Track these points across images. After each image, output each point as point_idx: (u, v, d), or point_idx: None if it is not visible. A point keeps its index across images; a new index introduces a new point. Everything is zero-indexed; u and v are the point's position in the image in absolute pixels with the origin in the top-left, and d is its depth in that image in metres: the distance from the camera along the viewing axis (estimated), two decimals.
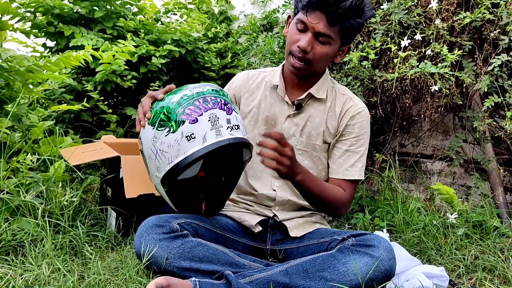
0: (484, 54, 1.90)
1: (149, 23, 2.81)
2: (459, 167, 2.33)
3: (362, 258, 1.15)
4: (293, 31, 1.33)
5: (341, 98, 1.46)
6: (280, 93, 1.45)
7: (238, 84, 1.53)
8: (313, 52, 1.31)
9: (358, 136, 1.43)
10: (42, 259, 1.32)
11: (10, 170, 1.67)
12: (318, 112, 1.44)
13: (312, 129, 1.44)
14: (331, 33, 1.28)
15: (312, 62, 1.33)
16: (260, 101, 1.48)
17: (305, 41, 1.28)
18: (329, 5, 1.23)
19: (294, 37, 1.32)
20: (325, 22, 1.26)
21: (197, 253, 1.19)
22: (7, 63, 1.77)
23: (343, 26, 1.28)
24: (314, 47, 1.30)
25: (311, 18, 1.27)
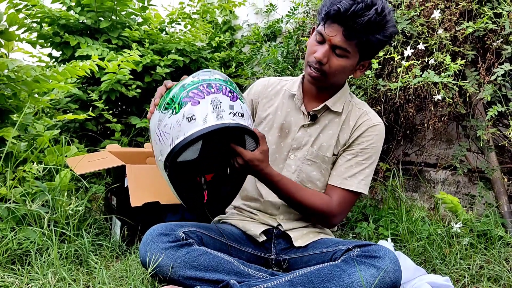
0: (487, 64, 1.91)
1: (154, 33, 2.84)
2: (463, 176, 2.33)
3: (368, 269, 1.15)
4: (312, 42, 1.34)
5: (357, 112, 1.46)
6: (297, 102, 1.46)
7: (258, 90, 1.54)
8: (329, 65, 1.31)
9: (366, 148, 1.42)
10: (47, 268, 1.33)
11: (17, 180, 1.69)
12: (332, 124, 1.44)
13: (324, 141, 1.44)
14: (348, 46, 1.28)
15: (328, 74, 1.33)
16: (277, 108, 1.49)
17: (321, 52, 1.29)
18: (346, 19, 1.22)
19: (312, 48, 1.33)
20: (341, 35, 1.26)
21: (202, 261, 1.19)
22: (14, 73, 1.79)
23: (361, 41, 1.27)
24: (331, 59, 1.30)
25: (328, 31, 1.27)
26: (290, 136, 1.46)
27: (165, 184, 1.76)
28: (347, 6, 1.21)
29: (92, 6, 2.58)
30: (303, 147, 1.45)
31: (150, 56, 2.66)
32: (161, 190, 1.73)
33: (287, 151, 1.46)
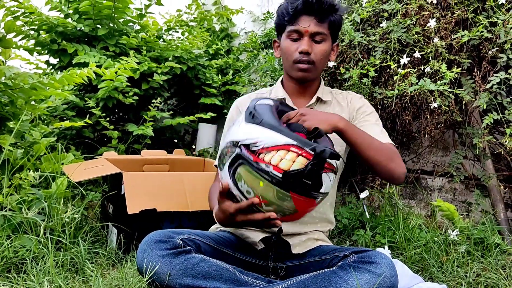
0: (482, 72, 1.92)
1: (151, 40, 2.85)
2: (459, 183, 2.33)
3: (364, 275, 1.15)
4: (288, 44, 1.42)
5: (340, 96, 1.57)
6: (289, 103, 1.50)
7: (244, 108, 1.54)
8: (314, 53, 1.40)
9: (371, 112, 1.51)
10: (43, 277, 1.32)
11: (13, 187, 1.68)
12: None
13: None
14: (324, 29, 1.40)
15: (316, 62, 1.42)
16: None
17: (304, 44, 1.38)
18: (313, 5, 1.35)
19: (291, 47, 1.41)
20: (315, 22, 1.38)
21: (200, 269, 1.19)
22: (11, 81, 1.79)
23: (330, 22, 1.40)
24: (313, 47, 1.40)
25: (302, 23, 1.38)
26: None
27: (162, 192, 1.77)
28: None
29: (89, 14, 2.59)
30: None
31: (148, 64, 2.67)
32: (158, 198, 1.73)
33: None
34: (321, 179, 1.05)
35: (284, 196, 1.04)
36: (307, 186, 1.04)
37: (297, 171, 1.01)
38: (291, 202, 1.05)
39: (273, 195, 1.05)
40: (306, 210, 1.11)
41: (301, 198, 1.05)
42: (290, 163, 1.02)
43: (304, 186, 1.04)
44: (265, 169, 1.03)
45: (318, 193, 1.07)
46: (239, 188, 1.09)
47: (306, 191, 1.05)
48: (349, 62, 2.15)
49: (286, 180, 1.02)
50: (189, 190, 1.82)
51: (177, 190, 1.80)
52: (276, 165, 1.02)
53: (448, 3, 1.96)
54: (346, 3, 2.27)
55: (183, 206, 1.77)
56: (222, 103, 3.19)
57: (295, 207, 1.07)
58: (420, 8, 1.99)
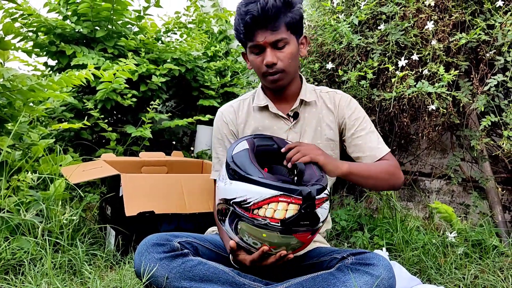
0: (480, 74, 1.92)
1: (150, 42, 2.85)
2: (457, 185, 2.34)
3: (362, 277, 1.15)
4: (253, 59, 1.40)
5: (326, 95, 1.52)
6: (273, 110, 1.48)
7: (230, 118, 1.54)
8: (280, 60, 1.37)
9: (364, 118, 1.48)
10: (41, 279, 1.32)
11: (11, 189, 1.68)
12: (311, 114, 1.48)
13: (312, 132, 1.47)
14: (282, 34, 1.35)
15: (285, 68, 1.38)
16: (255, 126, 1.50)
17: (268, 56, 1.35)
18: (261, 18, 1.31)
19: (257, 61, 1.39)
20: (269, 32, 1.33)
21: (197, 272, 1.19)
22: (9, 82, 1.79)
23: (286, 24, 1.35)
24: (278, 55, 1.36)
25: (258, 38, 1.34)
26: None
27: (160, 194, 1.77)
28: (256, 8, 1.30)
29: (88, 16, 2.59)
30: None
31: (146, 65, 2.67)
32: (156, 199, 1.73)
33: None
34: (317, 215, 1.11)
35: (289, 238, 1.10)
36: (307, 225, 1.10)
37: (293, 217, 1.07)
38: (297, 239, 1.11)
39: (278, 240, 1.11)
40: (312, 239, 1.17)
41: (303, 234, 1.11)
42: (283, 212, 1.07)
43: (304, 226, 1.10)
44: (263, 223, 1.08)
45: (317, 225, 1.13)
46: (245, 241, 1.16)
47: (307, 229, 1.11)
48: (347, 64, 2.15)
49: (286, 227, 1.08)
50: (187, 192, 1.82)
51: (175, 192, 1.80)
52: (271, 217, 1.07)
53: (446, 6, 1.97)
54: (345, 6, 2.28)
55: (181, 208, 1.77)
56: (220, 105, 3.19)
57: (301, 242, 1.13)
58: (418, 10, 2.00)
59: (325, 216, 1.15)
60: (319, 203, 1.11)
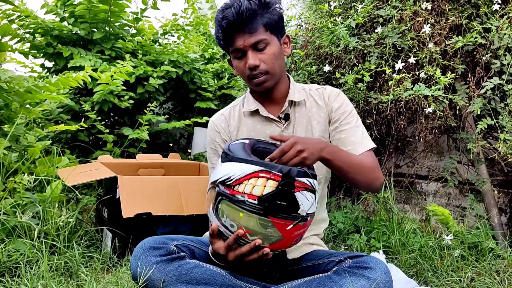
0: (476, 77, 1.93)
1: (147, 44, 2.85)
2: (454, 188, 2.35)
3: (359, 280, 1.15)
4: (236, 63, 1.40)
5: (316, 92, 1.51)
6: (264, 114, 1.47)
7: (222, 126, 1.54)
8: (262, 62, 1.36)
9: (350, 112, 1.46)
10: (37, 281, 1.32)
11: (7, 191, 1.67)
12: (301, 114, 1.48)
13: (303, 131, 1.46)
14: (261, 35, 1.34)
15: (269, 69, 1.38)
16: (248, 131, 1.50)
17: (250, 58, 1.34)
18: (237, 22, 1.31)
19: (240, 65, 1.39)
20: (248, 35, 1.33)
21: (194, 275, 1.19)
22: (6, 84, 1.79)
23: (264, 25, 1.35)
24: (260, 57, 1.35)
25: (237, 42, 1.34)
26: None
27: (157, 196, 1.77)
28: (230, 13, 1.31)
29: (85, 17, 2.59)
30: None
31: (143, 67, 2.67)
32: (153, 201, 1.73)
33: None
34: (295, 199, 1.08)
35: (265, 222, 1.07)
36: (284, 207, 1.07)
37: (270, 194, 1.05)
38: (274, 227, 1.08)
39: (254, 223, 1.07)
40: (292, 235, 1.12)
41: (281, 221, 1.07)
42: (262, 188, 1.05)
43: (280, 208, 1.07)
44: (241, 199, 1.06)
45: (297, 213, 1.09)
46: (223, 223, 1.12)
47: (284, 213, 1.07)
48: (344, 67, 2.16)
49: (262, 205, 1.05)
50: (184, 194, 1.82)
51: (172, 194, 1.80)
52: (250, 193, 1.06)
53: (443, 9, 1.98)
54: (342, 9, 2.29)
55: (178, 210, 1.77)
56: (217, 107, 3.19)
57: (279, 233, 1.09)
58: (414, 14, 2.01)
59: (307, 207, 1.10)
60: (300, 186, 1.08)
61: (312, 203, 1.13)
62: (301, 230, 1.13)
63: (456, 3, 1.98)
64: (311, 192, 1.12)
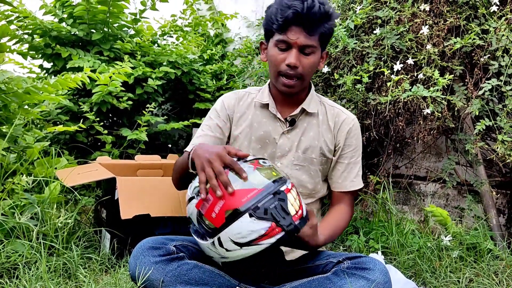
0: (474, 79, 1.94)
1: (146, 45, 2.85)
2: (452, 189, 2.35)
3: (358, 281, 1.15)
4: (275, 53, 1.36)
5: (331, 111, 1.50)
6: (272, 111, 1.46)
7: (231, 104, 1.52)
8: (302, 66, 1.34)
9: (356, 147, 1.48)
10: (36, 282, 1.32)
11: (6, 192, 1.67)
12: (311, 126, 1.46)
13: (308, 143, 1.45)
14: (313, 42, 1.33)
15: (303, 76, 1.36)
16: (251, 120, 1.48)
17: (293, 57, 1.32)
18: (304, 17, 1.28)
19: (278, 57, 1.35)
20: (304, 34, 1.31)
21: (193, 275, 1.19)
22: (5, 85, 1.79)
23: (321, 33, 1.34)
24: (301, 60, 1.34)
25: (291, 35, 1.31)
26: (271, 145, 1.46)
27: (156, 197, 1.76)
28: (301, 6, 1.27)
29: (84, 18, 2.58)
30: (288, 154, 1.45)
31: (142, 68, 2.67)
32: (151, 203, 1.73)
33: (272, 160, 1.46)
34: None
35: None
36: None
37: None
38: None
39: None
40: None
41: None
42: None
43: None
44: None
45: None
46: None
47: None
48: (343, 68, 2.16)
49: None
50: (183, 195, 1.82)
51: (171, 195, 1.80)
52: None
53: (441, 11, 1.98)
54: (340, 10, 2.29)
55: (177, 211, 1.77)
56: None
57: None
58: (413, 15, 2.01)
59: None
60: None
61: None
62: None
63: (454, 5, 1.98)
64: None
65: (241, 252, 1.08)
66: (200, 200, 1.11)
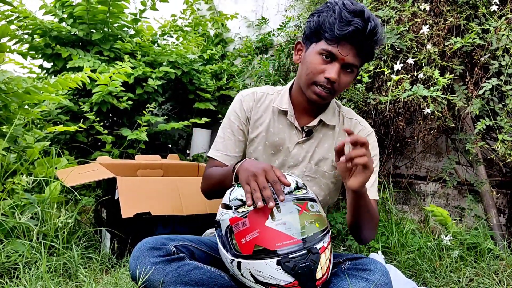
0: (475, 78, 1.94)
1: (146, 45, 2.85)
2: (452, 188, 2.35)
3: (358, 282, 1.15)
4: (316, 61, 1.30)
5: (349, 122, 1.47)
6: (290, 119, 1.43)
7: (250, 105, 1.48)
8: (339, 82, 1.30)
9: (374, 156, 1.42)
10: (36, 282, 1.31)
11: (6, 192, 1.67)
12: (327, 137, 1.44)
13: (321, 155, 1.43)
14: (358, 62, 1.31)
15: (337, 91, 1.33)
16: (268, 125, 1.45)
17: (334, 72, 1.27)
18: (361, 37, 1.24)
19: (319, 67, 1.30)
20: (354, 53, 1.27)
21: (193, 276, 1.18)
22: (5, 85, 1.79)
23: (366, 54, 1.31)
24: (341, 76, 1.30)
25: (342, 50, 1.26)
26: (283, 153, 1.44)
27: (156, 196, 1.76)
28: (363, 25, 1.23)
29: (84, 18, 2.58)
30: (301, 164, 1.43)
31: (142, 68, 2.67)
32: (152, 202, 1.73)
33: (281, 168, 1.45)
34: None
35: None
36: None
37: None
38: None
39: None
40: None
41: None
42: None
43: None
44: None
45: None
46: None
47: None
48: None
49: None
50: (183, 195, 1.82)
51: (171, 194, 1.80)
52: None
53: (441, 10, 1.98)
54: None
55: (178, 210, 1.77)
56: (216, 108, 3.19)
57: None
58: (413, 15, 2.01)
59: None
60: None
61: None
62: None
63: (455, 4, 1.98)
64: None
65: (254, 285, 1.09)
66: (236, 217, 1.10)
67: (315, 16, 1.32)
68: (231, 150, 1.46)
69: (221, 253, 1.17)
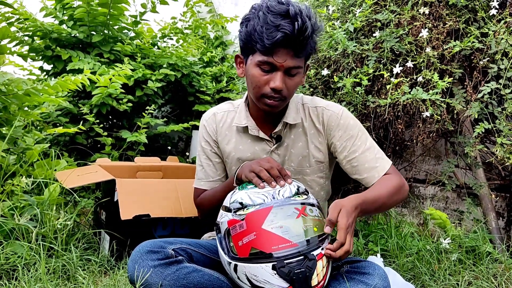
0: (474, 82, 1.94)
1: (146, 47, 2.85)
2: (451, 192, 2.35)
3: (357, 286, 1.15)
4: (258, 74, 1.25)
5: (315, 112, 1.41)
6: (254, 132, 1.40)
7: (213, 128, 1.48)
8: (287, 87, 1.26)
9: (357, 136, 1.38)
10: (35, 284, 1.32)
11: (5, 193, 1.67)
12: (298, 136, 1.41)
13: (299, 154, 1.41)
14: (300, 63, 1.26)
15: (287, 97, 1.29)
16: (236, 143, 1.44)
17: (278, 81, 1.23)
18: (294, 40, 1.19)
19: (261, 79, 1.25)
20: (292, 55, 1.22)
21: (192, 279, 1.18)
22: (5, 87, 1.79)
23: (307, 52, 1.27)
24: (286, 82, 1.26)
25: (277, 58, 1.21)
26: None
27: (155, 198, 1.77)
28: (291, 28, 1.17)
29: (84, 21, 2.59)
30: None
31: (142, 70, 2.67)
32: (151, 204, 1.73)
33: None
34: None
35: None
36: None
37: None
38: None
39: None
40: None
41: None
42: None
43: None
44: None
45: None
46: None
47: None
48: (342, 71, 2.17)
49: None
50: (182, 197, 1.82)
51: (171, 196, 1.80)
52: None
53: (440, 14, 1.99)
54: (340, 13, 2.29)
55: (177, 212, 1.77)
56: None
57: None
58: (412, 18, 2.01)
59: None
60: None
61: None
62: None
63: (454, 8, 1.99)
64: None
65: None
66: (234, 220, 1.10)
67: (243, 26, 1.27)
68: (213, 175, 1.48)
69: (220, 256, 1.18)
